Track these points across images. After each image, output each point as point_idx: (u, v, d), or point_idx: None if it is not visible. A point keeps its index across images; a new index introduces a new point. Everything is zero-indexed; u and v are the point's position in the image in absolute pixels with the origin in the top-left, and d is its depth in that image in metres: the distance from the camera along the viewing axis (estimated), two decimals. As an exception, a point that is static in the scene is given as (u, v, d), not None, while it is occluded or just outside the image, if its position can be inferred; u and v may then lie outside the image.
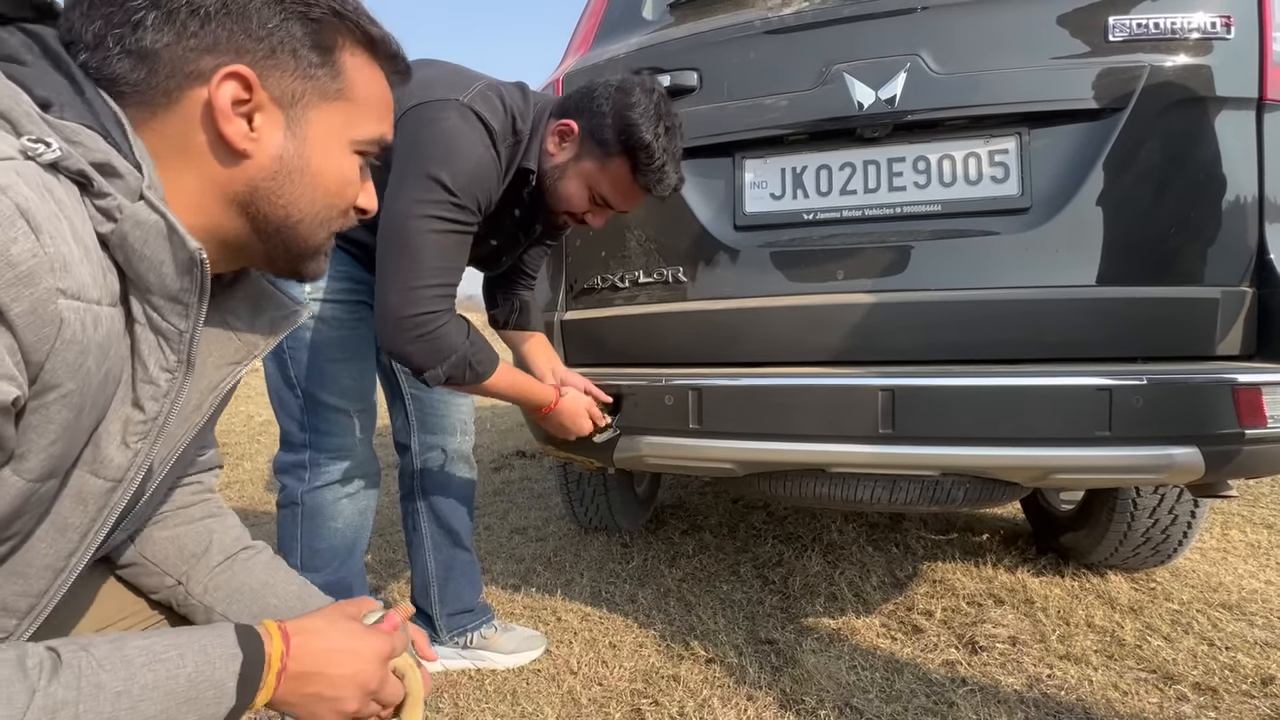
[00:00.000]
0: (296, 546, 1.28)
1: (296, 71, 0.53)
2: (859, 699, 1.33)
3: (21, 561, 0.52)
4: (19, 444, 0.44)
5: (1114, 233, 1.21)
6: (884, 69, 1.28)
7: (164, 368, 0.53)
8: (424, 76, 1.15)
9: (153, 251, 0.49)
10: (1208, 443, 1.11)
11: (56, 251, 0.41)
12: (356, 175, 0.60)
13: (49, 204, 0.42)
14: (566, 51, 1.69)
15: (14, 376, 0.40)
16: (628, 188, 1.17)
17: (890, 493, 1.33)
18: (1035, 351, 1.22)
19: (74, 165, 0.44)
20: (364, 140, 0.59)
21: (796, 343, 1.34)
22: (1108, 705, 1.29)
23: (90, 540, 0.56)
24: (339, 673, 0.59)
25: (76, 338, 0.43)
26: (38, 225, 0.40)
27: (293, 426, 1.27)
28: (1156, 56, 1.19)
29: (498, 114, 1.12)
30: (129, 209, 0.48)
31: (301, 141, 0.55)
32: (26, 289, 0.39)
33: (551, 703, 1.36)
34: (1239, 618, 1.59)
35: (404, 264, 1.07)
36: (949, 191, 1.29)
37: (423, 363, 1.11)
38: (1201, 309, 1.17)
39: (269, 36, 0.52)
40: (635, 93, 1.12)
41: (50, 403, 0.44)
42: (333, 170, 0.58)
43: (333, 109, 0.56)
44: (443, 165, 1.06)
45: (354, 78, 0.57)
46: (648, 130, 1.10)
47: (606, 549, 2.21)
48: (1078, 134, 1.23)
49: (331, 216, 0.60)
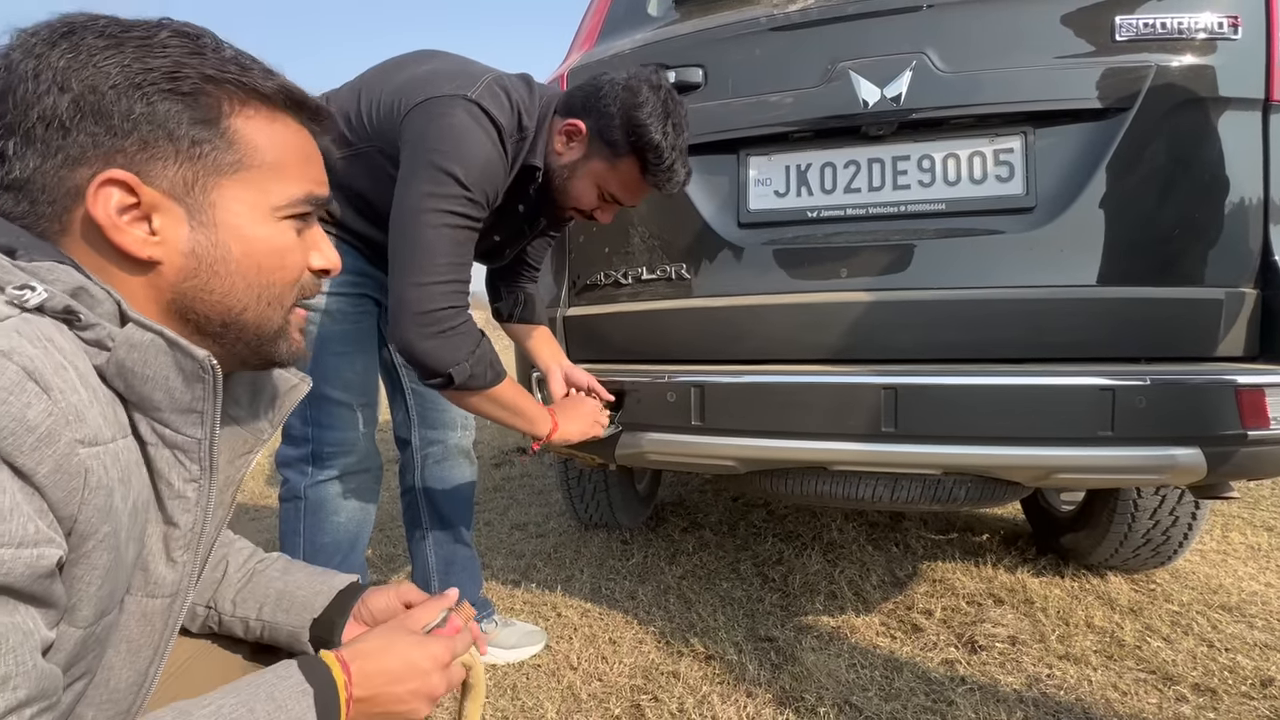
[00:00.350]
0: (299, 541, 1.28)
1: (180, 156, 0.49)
2: (858, 697, 1.33)
3: (107, 689, 0.55)
4: (69, 598, 0.45)
5: (1118, 233, 1.21)
6: (890, 67, 1.28)
7: (188, 479, 0.54)
8: (429, 70, 1.15)
9: (155, 371, 0.48)
10: (1210, 444, 1.11)
11: (69, 404, 0.42)
12: (293, 242, 0.55)
13: (53, 355, 0.42)
14: (571, 48, 1.68)
15: (51, 539, 0.41)
16: (637, 186, 1.17)
17: (892, 491, 1.33)
18: (1038, 351, 1.22)
19: (59, 304, 0.44)
20: (287, 204, 0.54)
21: (799, 340, 1.34)
22: (1107, 705, 1.29)
23: (163, 650, 0.59)
24: (403, 689, 0.60)
25: (102, 482, 0.44)
26: (47, 384, 0.41)
27: (295, 420, 1.27)
28: (1163, 56, 1.19)
29: (504, 110, 1.11)
30: (120, 335, 0.47)
31: (212, 229, 0.51)
32: (49, 449, 0.40)
33: (551, 698, 1.37)
34: (1239, 620, 1.59)
35: (419, 259, 1.05)
36: (953, 190, 1.29)
37: (439, 359, 1.07)
38: (1205, 310, 1.17)
39: (136, 128, 0.47)
40: (643, 91, 1.11)
41: (90, 551, 0.45)
42: (261, 247, 0.53)
43: (236, 183, 0.51)
44: (454, 160, 1.05)
45: (253, 141, 0.52)
46: (656, 130, 1.09)
47: (607, 546, 2.21)
48: (1083, 133, 1.23)
49: (279, 294, 0.55)
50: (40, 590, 0.41)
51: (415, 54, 1.23)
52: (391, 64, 1.21)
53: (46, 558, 0.40)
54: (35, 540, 0.39)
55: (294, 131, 0.56)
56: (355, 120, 1.16)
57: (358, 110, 1.16)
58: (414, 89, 1.10)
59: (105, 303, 0.47)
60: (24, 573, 0.39)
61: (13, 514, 0.38)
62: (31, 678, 0.40)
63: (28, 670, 0.40)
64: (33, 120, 0.45)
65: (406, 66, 1.18)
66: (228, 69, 0.50)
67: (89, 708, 0.54)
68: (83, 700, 0.53)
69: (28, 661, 0.40)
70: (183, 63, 0.49)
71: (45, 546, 0.40)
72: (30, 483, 0.40)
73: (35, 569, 0.39)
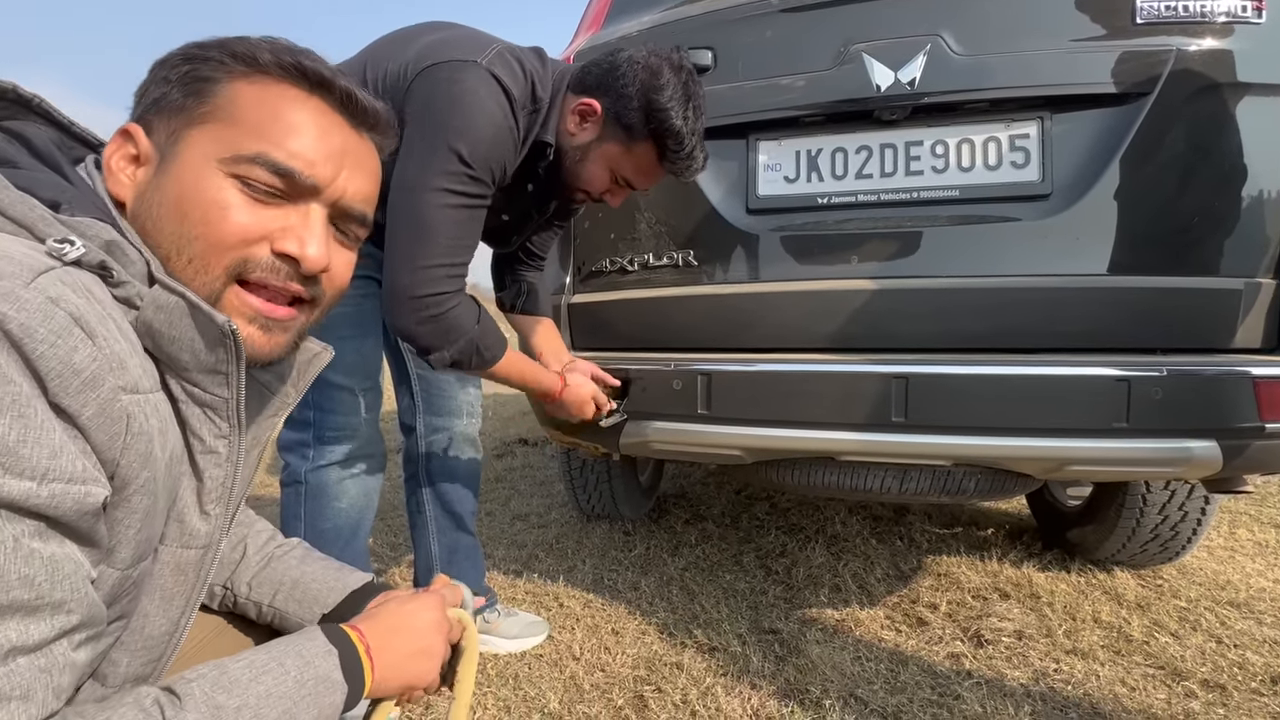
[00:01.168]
0: (300, 526, 1.26)
1: (173, 110, 0.52)
2: (863, 690, 1.31)
3: (142, 635, 0.58)
4: (110, 539, 0.47)
5: (1135, 221, 1.19)
6: (904, 50, 1.25)
7: (218, 435, 0.56)
8: (439, 38, 1.11)
9: (180, 332, 0.50)
10: (1227, 436, 1.09)
11: (112, 352, 0.44)
12: (230, 200, 0.51)
13: (95, 306, 0.44)
14: (578, 29, 1.65)
15: (97, 479, 0.43)
16: (653, 171, 1.13)
17: (900, 483, 1.31)
18: (1052, 341, 1.19)
19: (95, 259, 0.46)
20: (234, 157, 0.51)
21: (808, 328, 1.31)
22: (1115, 701, 1.28)
23: (194, 601, 0.61)
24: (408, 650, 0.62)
25: (143, 429, 0.46)
26: (92, 330, 0.42)
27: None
28: (1183, 40, 1.16)
29: (517, 79, 1.06)
30: (148, 295, 0.49)
31: (165, 175, 0.52)
32: (93, 393, 0.42)
33: (554, 688, 1.35)
34: (1247, 615, 1.58)
35: (416, 241, 1.03)
36: (967, 177, 1.26)
37: (430, 344, 1.07)
38: (1223, 300, 1.15)
39: (158, 88, 0.53)
40: (664, 72, 1.05)
41: (131, 495, 0.47)
42: (191, 195, 0.51)
43: (200, 132, 0.52)
44: (460, 134, 1.01)
45: (232, 98, 0.52)
46: (678, 115, 1.05)
47: (609, 537, 2.20)
48: (1101, 119, 1.20)
49: (201, 253, 0.51)
50: (86, 527, 0.43)
51: (425, 25, 1.19)
52: (400, 34, 1.17)
53: (94, 496, 0.42)
54: (83, 478, 0.41)
55: (297, 104, 0.54)
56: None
57: (363, 82, 1.12)
58: (421, 56, 1.06)
59: (137, 263, 0.49)
60: (72, 507, 0.41)
61: (61, 451, 0.40)
62: (85, 604, 0.43)
63: (81, 597, 0.42)
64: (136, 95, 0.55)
65: (415, 37, 1.14)
66: (252, 44, 0.53)
67: (124, 653, 0.57)
68: (119, 645, 0.56)
69: (81, 589, 0.42)
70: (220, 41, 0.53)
71: (92, 485, 0.42)
72: (75, 424, 0.41)
73: (83, 505, 0.41)
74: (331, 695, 0.54)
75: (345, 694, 0.55)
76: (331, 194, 0.55)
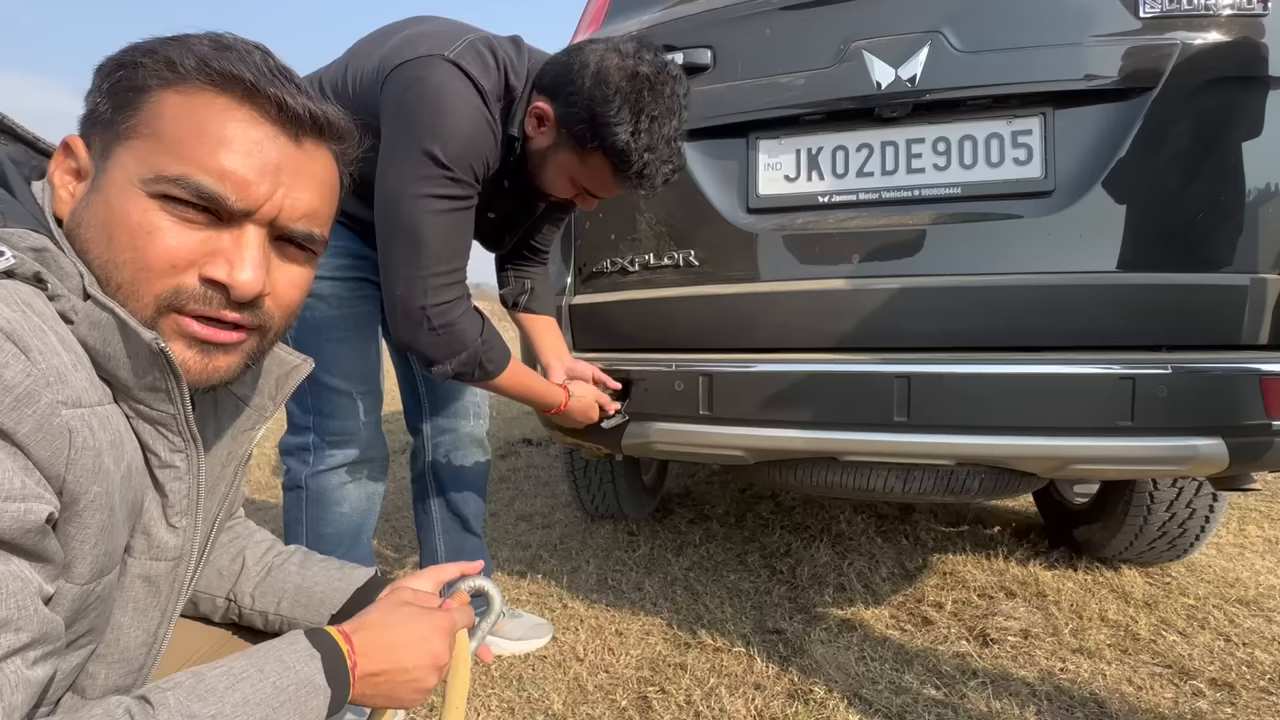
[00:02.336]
0: (301, 530, 1.27)
1: (104, 123, 0.50)
2: (868, 690, 1.31)
3: (118, 648, 0.57)
4: (65, 555, 0.46)
5: (1139, 217, 1.17)
6: (905, 46, 1.24)
7: (173, 450, 0.55)
8: (411, 34, 1.07)
9: (114, 349, 0.48)
10: (1233, 434, 1.08)
11: (49, 366, 0.42)
12: (156, 225, 0.48)
13: (31, 319, 0.43)
14: (577, 29, 1.65)
15: (40, 495, 0.42)
16: (610, 183, 1.06)
17: (904, 482, 1.31)
18: (1056, 339, 1.18)
19: (29, 270, 0.45)
20: (152, 178, 0.47)
21: (810, 328, 1.31)
22: (1122, 699, 1.27)
23: (170, 613, 0.61)
24: (408, 659, 0.60)
25: (88, 443, 0.45)
26: (25, 345, 0.41)
27: (296, 408, 1.25)
28: (1188, 34, 1.15)
29: (489, 71, 1.02)
30: (82, 309, 0.47)
31: (96, 192, 0.49)
32: (28, 409, 0.40)
33: (558, 689, 1.35)
34: (1256, 614, 1.57)
35: (407, 251, 1.01)
36: (969, 174, 1.25)
37: (434, 355, 1.06)
38: (1229, 297, 1.14)
39: (93, 97, 0.50)
40: (613, 80, 0.96)
41: (82, 510, 0.45)
42: (117, 219, 0.48)
43: (125, 150, 0.49)
44: (432, 135, 0.97)
45: (157, 112, 0.48)
46: (624, 131, 0.96)
47: (613, 537, 2.20)
48: (1104, 114, 1.19)
49: (129, 279, 0.48)
50: (31, 544, 0.42)
51: (404, 20, 1.16)
52: (380, 32, 1.15)
53: (35, 513, 0.41)
54: (22, 495, 0.40)
55: (224, 115, 0.49)
56: (343, 93, 1.10)
57: (344, 83, 1.10)
58: (393, 54, 1.03)
59: (73, 276, 0.48)
60: (12, 525, 0.40)
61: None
62: (34, 622, 0.41)
63: (30, 614, 0.41)
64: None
65: (392, 33, 1.11)
66: (171, 47, 0.49)
67: (101, 665, 0.57)
68: (95, 659, 0.56)
69: (29, 606, 0.41)
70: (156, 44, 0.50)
71: (33, 502, 0.41)
72: (11, 441, 0.40)
73: (23, 523, 0.40)
74: (314, 699, 0.53)
75: (329, 698, 0.54)
76: (267, 213, 0.51)
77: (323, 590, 0.75)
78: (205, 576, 0.76)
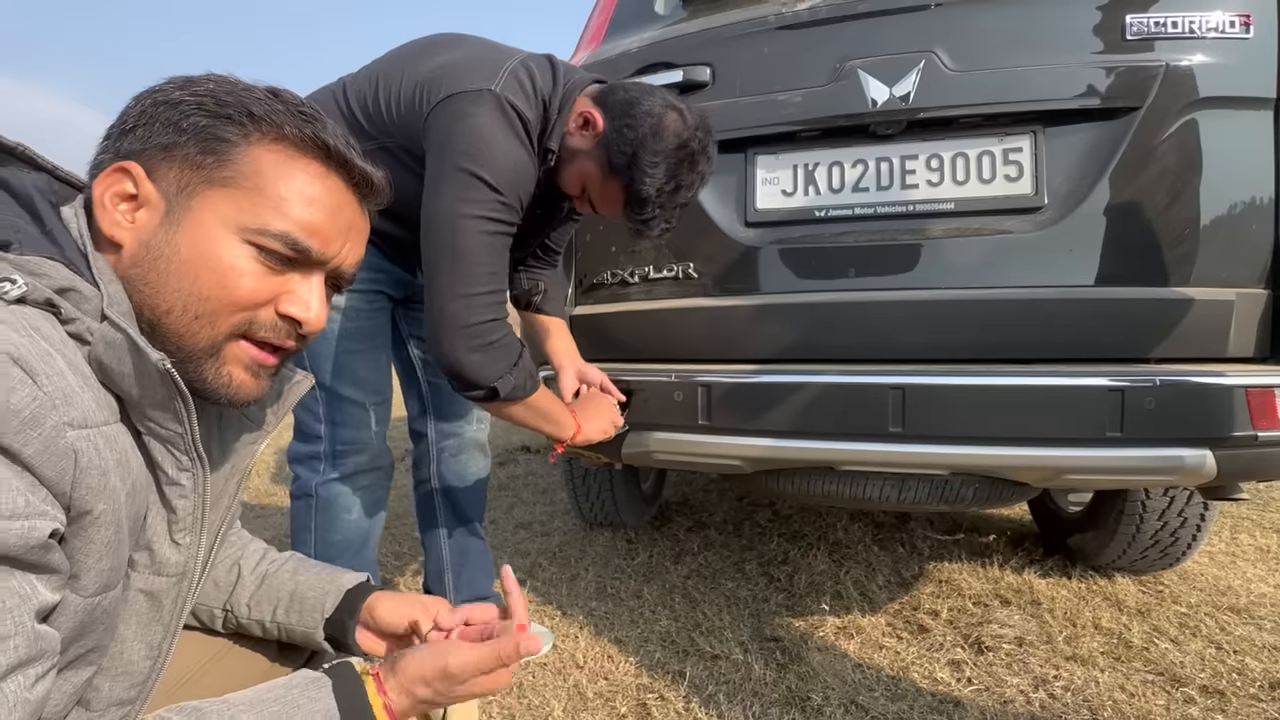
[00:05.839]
0: (310, 538, 1.28)
1: (187, 162, 0.53)
2: (864, 697, 1.33)
3: (122, 661, 0.59)
4: (71, 567, 0.47)
5: (1128, 233, 1.20)
6: (899, 66, 1.27)
7: (180, 468, 0.57)
8: (451, 61, 1.10)
9: (126, 368, 0.50)
10: (1220, 445, 1.10)
11: (55, 389, 0.44)
12: (246, 268, 0.54)
13: (39, 343, 0.45)
14: (578, 45, 1.68)
15: (44, 512, 0.43)
16: (616, 211, 1.12)
17: (899, 492, 1.33)
18: (1047, 351, 1.21)
19: (40, 297, 0.47)
20: (258, 230, 0.53)
21: (806, 340, 1.33)
22: (1114, 707, 1.29)
23: (173, 627, 0.63)
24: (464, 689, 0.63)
25: (94, 463, 0.46)
26: (33, 369, 0.43)
27: (308, 417, 1.27)
28: (1173, 55, 1.18)
29: (530, 100, 1.07)
30: (98, 330, 0.50)
31: (175, 228, 0.52)
32: (34, 431, 0.42)
33: (558, 696, 1.37)
34: (1247, 621, 1.59)
35: (459, 269, 1.02)
36: (962, 190, 1.28)
37: (481, 375, 1.05)
38: (1215, 311, 1.17)
39: (166, 133, 0.53)
40: (668, 139, 1.04)
41: (87, 526, 0.47)
42: (207, 258, 0.52)
43: (220, 195, 0.53)
44: (485, 165, 1.01)
45: (258, 168, 0.54)
46: (652, 183, 1.04)
47: (611, 545, 2.21)
48: (1093, 133, 1.22)
49: (210, 311, 0.53)
50: (35, 559, 0.43)
51: (435, 39, 1.18)
52: (410, 50, 1.17)
53: (39, 529, 0.42)
54: (26, 513, 0.41)
55: (317, 180, 0.56)
56: (374, 111, 1.12)
57: (375, 100, 1.12)
58: (436, 83, 1.06)
59: (92, 299, 0.50)
60: (16, 543, 0.41)
61: (3, 489, 0.41)
62: (30, 638, 0.42)
63: (27, 631, 0.42)
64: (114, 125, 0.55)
65: (426, 55, 1.13)
66: (267, 107, 0.54)
67: (106, 679, 0.58)
68: (100, 673, 0.57)
69: (26, 623, 0.42)
70: (238, 96, 0.54)
71: (37, 519, 0.42)
72: (18, 461, 0.42)
73: (28, 540, 0.42)
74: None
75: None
76: (335, 264, 0.60)
77: (315, 596, 0.77)
78: (204, 591, 0.77)
